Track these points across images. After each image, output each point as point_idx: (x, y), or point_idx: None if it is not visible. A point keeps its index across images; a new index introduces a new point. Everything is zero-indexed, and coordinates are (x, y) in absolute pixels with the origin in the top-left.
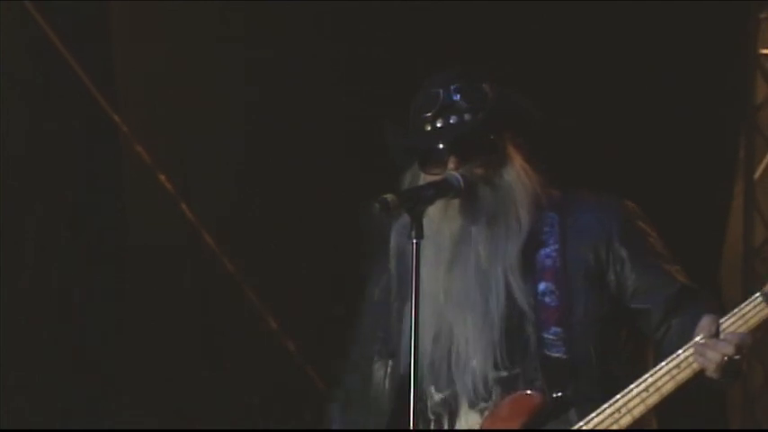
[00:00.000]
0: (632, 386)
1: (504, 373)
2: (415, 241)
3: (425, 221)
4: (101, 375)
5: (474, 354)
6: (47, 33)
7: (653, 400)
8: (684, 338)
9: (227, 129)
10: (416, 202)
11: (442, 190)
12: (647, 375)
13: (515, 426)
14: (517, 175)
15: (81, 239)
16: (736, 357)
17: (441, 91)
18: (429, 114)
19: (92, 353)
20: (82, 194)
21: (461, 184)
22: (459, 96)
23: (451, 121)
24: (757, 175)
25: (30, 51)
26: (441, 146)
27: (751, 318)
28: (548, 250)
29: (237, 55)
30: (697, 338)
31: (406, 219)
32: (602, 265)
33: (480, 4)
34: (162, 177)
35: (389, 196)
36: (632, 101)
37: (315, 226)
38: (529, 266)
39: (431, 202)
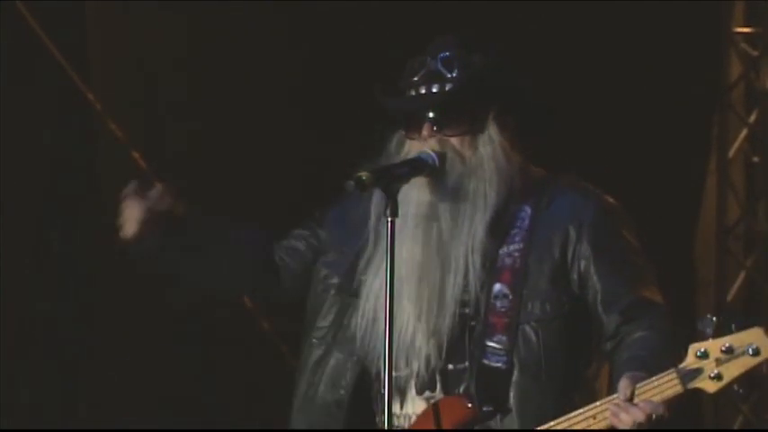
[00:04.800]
0: (552, 423)
1: (451, 367)
2: (390, 219)
3: None
4: (77, 364)
5: (426, 338)
6: (20, 10)
7: None
8: (622, 358)
9: (202, 107)
10: (391, 180)
11: (416, 168)
12: (563, 418)
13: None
14: (493, 151)
15: (54, 218)
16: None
17: (428, 58)
18: (415, 80)
19: (64, 338)
20: (55, 173)
21: (436, 162)
22: (444, 65)
23: (433, 90)
24: (731, 153)
25: (2, 28)
26: (420, 112)
27: (665, 390)
28: (511, 248)
29: (213, 32)
30: (614, 396)
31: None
32: (566, 261)
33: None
34: (136, 155)
35: (364, 174)
36: (605, 78)
37: (290, 198)
38: (489, 256)
39: (406, 180)
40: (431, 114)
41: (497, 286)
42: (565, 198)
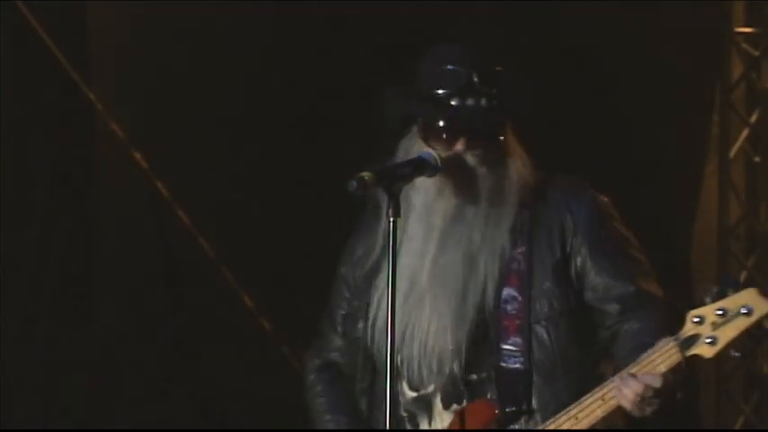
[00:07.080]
0: (561, 413)
1: (474, 377)
2: (391, 220)
3: (419, 198)
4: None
5: (450, 350)
6: (20, 10)
7: (582, 426)
8: (625, 349)
9: (202, 106)
10: (393, 180)
11: (418, 168)
12: (573, 405)
13: None
14: (514, 161)
15: (54, 218)
16: (648, 397)
17: (461, 70)
18: (446, 91)
19: (63, 334)
20: (55, 173)
21: (438, 162)
22: (478, 79)
23: (468, 104)
24: (732, 153)
25: (3, 28)
26: (453, 125)
27: (666, 359)
28: (515, 252)
29: (213, 33)
30: (620, 373)
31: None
32: (566, 257)
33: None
34: (136, 155)
35: (366, 174)
36: (605, 78)
37: (293, 202)
38: (505, 262)
39: (408, 180)
40: (466, 130)
41: (506, 290)
42: (560, 196)
